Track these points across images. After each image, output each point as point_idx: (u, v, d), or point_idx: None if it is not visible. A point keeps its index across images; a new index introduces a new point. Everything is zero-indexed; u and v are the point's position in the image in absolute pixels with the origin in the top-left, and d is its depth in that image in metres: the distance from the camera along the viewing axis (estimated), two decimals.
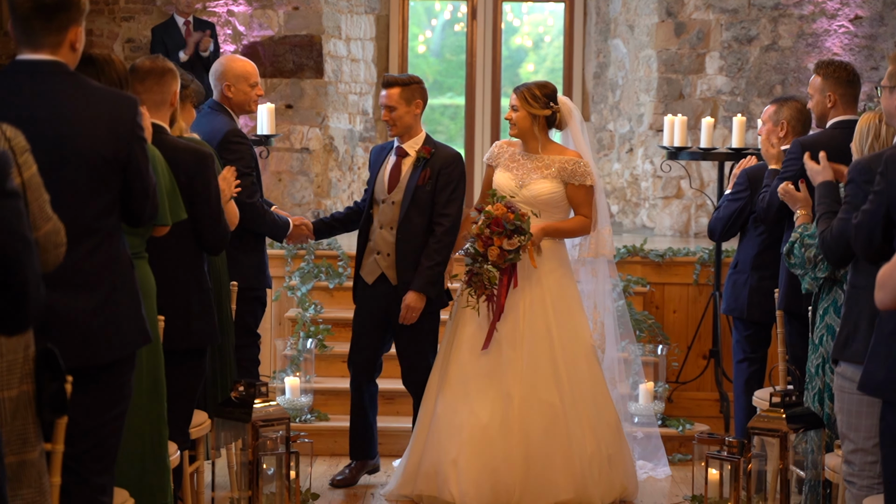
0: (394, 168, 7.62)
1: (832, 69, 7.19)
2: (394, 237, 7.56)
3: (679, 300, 9.80)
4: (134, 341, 4.78)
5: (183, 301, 6.02)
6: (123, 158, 4.69)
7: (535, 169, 7.47)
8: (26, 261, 3.51)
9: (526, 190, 7.43)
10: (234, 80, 7.43)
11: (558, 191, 7.44)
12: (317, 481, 7.95)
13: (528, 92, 7.44)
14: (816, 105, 7.23)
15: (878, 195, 5.00)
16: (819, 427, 6.16)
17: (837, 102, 7.16)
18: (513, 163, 7.54)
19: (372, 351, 7.77)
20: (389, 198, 7.57)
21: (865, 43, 12.08)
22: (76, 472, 4.63)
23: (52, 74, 4.63)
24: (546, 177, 7.44)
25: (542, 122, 7.47)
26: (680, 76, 12.31)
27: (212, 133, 7.27)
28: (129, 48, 12.20)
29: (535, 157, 7.49)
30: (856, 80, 7.22)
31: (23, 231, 3.52)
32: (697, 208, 12.29)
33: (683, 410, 9.36)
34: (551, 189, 7.43)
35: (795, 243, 6.31)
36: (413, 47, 13.67)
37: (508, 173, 7.51)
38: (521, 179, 7.46)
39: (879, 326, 4.87)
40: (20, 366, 4.02)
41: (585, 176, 7.45)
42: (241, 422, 6.06)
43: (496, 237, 7.16)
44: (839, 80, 7.16)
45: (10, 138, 3.96)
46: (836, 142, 6.62)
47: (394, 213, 7.56)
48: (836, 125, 7.13)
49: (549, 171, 7.44)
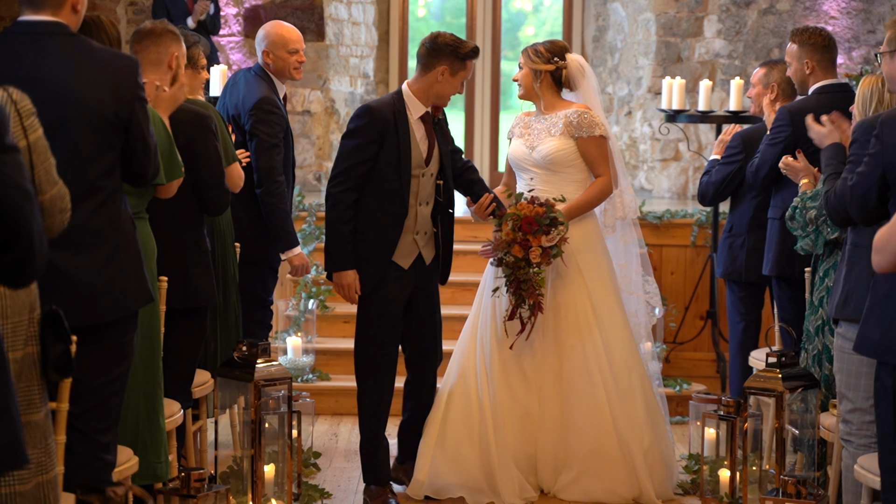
0: (430, 135, 6.78)
1: (807, 35, 7.23)
2: (430, 212, 6.82)
3: (677, 262, 9.85)
4: (136, 300, 4.82)
5: (182, 261, 6.06)
6: (125, 118, 4.72)
7: (544, 129, 7.10)
8: (30, 213, 3.51)
9: (536, 152, 7.08)
10: (273, 47, 7.39)
11: (568, 146, 7.04)
12: (318, 440, 8.03)
13: (532, 48, 7.15)
14: (795, 73, 7.28)
15: (873, 157, 5.02)
16: (815, 387, 6.21)
17: (815, 68, 7.21)
18: (525, 129, 7.19)
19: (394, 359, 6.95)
20: (428, 170, 6.76)
21: (862, 6, 12.09)
22: (80, 430, 4.69)
23: (54, 35, 4.65)
24: (553, 135, 7.06)
25: (547, 79, 7.12)
26: (678, 39, 12.33)
27: (244, 98, 7.31)
28: (132, 11, 12.19)
29: (544, 117, 7.14)
30: (831, 45, 7.25)
31: (24, 184, 3.52)
32: (695, 171, 12.33)
33: (681, 370, 9.42)
34: (560, 146, 7.03)
35: (797, 207, 6.31)
36: (413, 10, 13.67)
37: (520, 140, 7.18)
38: (530, 143, 7.11)
39: (874, 288, 4.90)
40: (25, 328, 4.03)
41: (594, 126, 7.04)
42: (244, 381, 6.11)
43: (532, 237, 6.75)
44: (815, 45, 7.21)
45: (17, 101, 3.98)
46: (821, 106, 6.62)
47: (432, 186, 6.81)
48: (819, 90, 7.19)
49: (556, 127, 7.07)
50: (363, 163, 6.62)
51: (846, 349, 5.39)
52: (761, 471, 6.40)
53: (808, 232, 6.23)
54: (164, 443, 5.58)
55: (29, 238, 3.52)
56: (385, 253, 6.69)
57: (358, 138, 6.63)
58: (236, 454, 6.31)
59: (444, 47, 6.67)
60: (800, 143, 6.97)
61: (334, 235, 6.66)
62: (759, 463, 6.44)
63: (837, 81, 7.24)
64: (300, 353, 8.97)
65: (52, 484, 4.09)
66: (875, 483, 5.06)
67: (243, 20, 12.15)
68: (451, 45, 6.68)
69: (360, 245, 6.67)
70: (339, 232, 6.63)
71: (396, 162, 6.63)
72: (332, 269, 6.69)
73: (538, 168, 7.11)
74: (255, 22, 11.87)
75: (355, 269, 6.65)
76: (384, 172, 6.64)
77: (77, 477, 4.58)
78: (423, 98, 6.74)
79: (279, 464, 6.20)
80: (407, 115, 6.69)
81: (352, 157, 6.63)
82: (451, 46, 6.68)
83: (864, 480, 5.19)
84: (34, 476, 4.02)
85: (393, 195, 6.67)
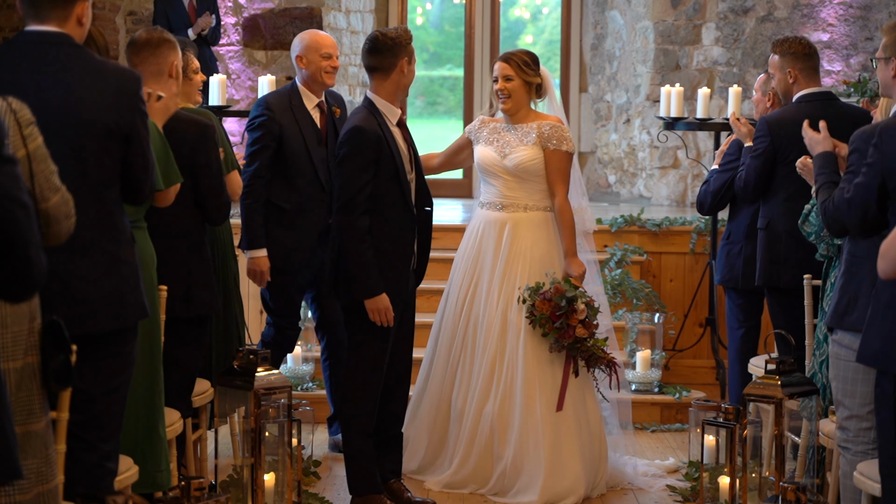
0: (407, 139, 6.77)
1: (787, 45, 7.27)
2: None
3: (676, 269, 9.86)
4: (133, 314, 4.83)
5: (183, 270, 6.08)
6: (126, 132, 4.74)
7: (516, 138, 7.21)
8: (25, 225, 3.51)
9: (507, 160, 7.18)
10: (306, 51, 7.45)
11: (539, 157, 7.17)
12: (318, 448, 8.03)
13: (520, 60, 7.19)
14: (779, 83, 7.33)
15: (871, 167, 4.99)
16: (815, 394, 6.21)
17: (798, 77, 7.24)
18: (493, 135, 7.28)
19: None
20: (412, 176, 6.75)
21: (860, 13, 12.10)
22: (82, 438, 4.70)
23: (59, 46, 4.67)
24: (526, 144, 7.18)
25: (534, 90, 7.22)
26: (676, 47, 12.34)
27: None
28: (132, 21, 12.20)
29: (517, 127, 7.25)
30: (813, 53, 7.28)
31: (21, 196, 3.51)
32: (694, 178, 12.34)
33: (680, 378, 9.42)
34: (532, 155, 7.16)
35: (812, 212, 6.28)
36: (412, 19, 13.69)
37: (489, 147, 7.25)
38: (501, 150, 7.21)
39: (875, 297, 4.90)
40: (25, 337, 4.04)
41: (563, 140, 7.18)
42: (244, 390, 6.11)
43: (566, 317, 6.95)
44: (796, 55, 7.23)
45: (16, 110, 3.99)
46: (802, 116, 6.61)
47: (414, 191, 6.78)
48: (800, 98, 7.22)
49: (529, 137, 7.19)
50: (367, 184, 6.51)
51: (842, 356, 5.39)
52: (761, 477, 6.40)
53: (822, 238, 6.20)
54: (164, 451, 5.58)
55: (25, 250, 3.52)
56: (406, 266, 6.69)
57: (357, 161, 6.52)
58: (236, 463, 6.31)
59: (397, 42, 6.57)
60: (778, 153, 7.17)
61: (360, 262, 6.51)
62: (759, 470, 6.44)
63: (820, 90, 7.25)
64: (300, 362, 8.97)
65: (52, 494, 4.10)
66: (875, 490, 5.07)
67: (242, 30, 12.15)
68: (400, 37, 6.60)
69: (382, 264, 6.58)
70: (364, 257, 6.51)
71: (395, 173, 6.56)
72: (365, 295, 6.53)
73: (508, 175, 7.21)
74: (254, 31, 11.88)
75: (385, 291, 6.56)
76: (387, 186, 6.56)
77: (79, 485, 4.60)
78: (394, 100, 6.68)
79: (279, 472, 6.19)
80: (387, 124, 6.61)
81: (357, 181, 6.51)
82: (400, 38, 6.60)
83: (864, 487, 5.19)
84: (34, 486, 4.03)
85: (400, 205, 6.62)
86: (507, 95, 7.22)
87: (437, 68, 14.28)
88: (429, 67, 7.42)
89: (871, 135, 5.11)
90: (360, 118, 6.60)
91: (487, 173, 7.30)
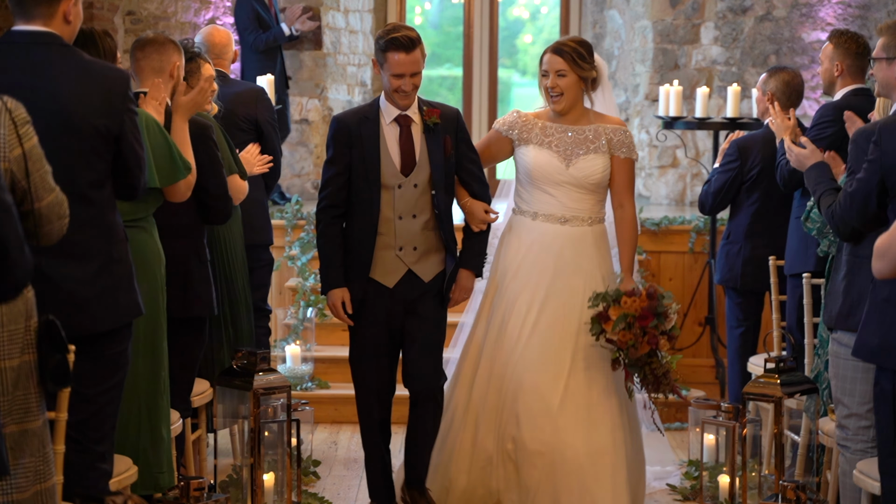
0: (404, 142, 6.29)
1: (843, 39, 7.30)
2: (421, 225, 6.31)
3: (675, 268, 9.86)
4: (127, 312, 4.83)
5: (181, 270, 6.07)
6: (115, 131, 4.74)
7: (579, 143, 6.41)
8: (6, 224, 3.52)
9: (575, 169, 6.38)
10: None
11: (608, 167, 6.42)
12: (318, 448, 8.03)
13: (574, 52, 6.36)
14: (825, 72, 7.38)
15: (871, 164, 5.06)
16: (814, 393, 6.22)
17: (844, 72, 7.28)
18: (548, 138, 6.44)
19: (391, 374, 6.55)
20: (409, 180, 6.26)
21: (859, 13, 12.09)
22: (76, 440, 4.70)
23: (46, 45, 4.67)
24: (595, 150, 6.40)
25: (589, 84, 6.41)
26: (675, 46, 12.33)
27: None
28: (130, 21, 12.18)
29: (573, 128, 6.45)
30: (865, 53, 7.31)
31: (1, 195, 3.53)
32: (693, 177, 12.33)
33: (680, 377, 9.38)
34: (604, 166, 6.41)
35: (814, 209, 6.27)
36: (411, 18, 13.68)
37: (548, 151, 6.41)
38: (566, 157, 6.39)
39: (873, 293, 4.92)
40: (21, 335, 4.05)
41: (632, 148, 6.47)
42: (243, 390, 6.11)
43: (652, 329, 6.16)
44: (848, 50, 7.27)
45: (12, 109, 4.00)
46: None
47: (418, 198, 6.29)
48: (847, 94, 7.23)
49: (597, 143, 6.42)
50: (338, 175, 6.27)
51: (841, 354, 5.40)
52: (761, 476, 6.40)
53: (825, 234, 6.18)
54: (167, 452, 5.58)
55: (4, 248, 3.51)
56: (362, 269, 6.33)
57: (329, 150, 6.33)
58: (236, 463, 6.31)
59: (377, 41, 6.28)
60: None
61: (320, 255, 6.43)
62: (759, 468, 6.44)
63: (863, 86, 7.29)
64: (299, 362, 8.97)
65: (50, 492, 4.10)
66: (875, 488, 5.07)
67: None
68: (379, 38, 6.29)
69: (347, 262, 6.36)
70: (322, 251, 6.41)
71: (364, 173, 6.24)
72: (323, 289, 6.43)
73: (573, 185, 6.43)
74: None
75: (343, 287, 6.33)
76: (357, 184, 6.28)
77: (74, 486, 4.59)
78: (388, 98, 6.29)
79: (279, 472, 6.19)
80: (379, 120, 6.24)
81: (328, 171, 6.33)
82: (378, 39, 6.29)
83: (864, 486, 5.19)
84: (32, 484, 4.03)
85: (364, 208, 6.29)
86: (559, 94, 6.40)
87: (435, 68, 14.29)
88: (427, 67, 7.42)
89: (871, 132, 5.16)
90: (354, 108, 6.55)
91: (545, 181, 6.45)
